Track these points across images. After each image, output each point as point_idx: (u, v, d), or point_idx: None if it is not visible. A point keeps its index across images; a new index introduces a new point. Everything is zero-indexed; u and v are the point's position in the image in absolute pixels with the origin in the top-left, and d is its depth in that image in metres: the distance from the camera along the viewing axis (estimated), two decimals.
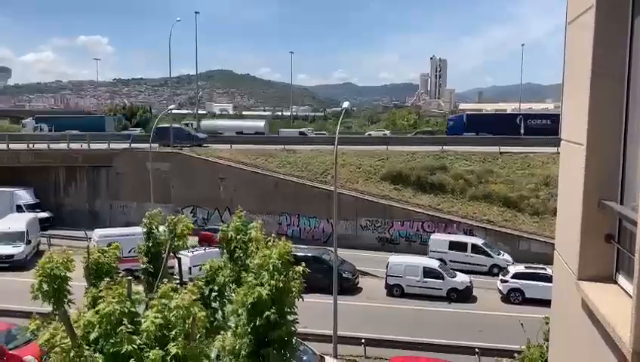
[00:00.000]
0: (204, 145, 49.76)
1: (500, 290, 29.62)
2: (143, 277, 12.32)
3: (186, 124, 66.24)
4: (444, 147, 45.67)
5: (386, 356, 20.68)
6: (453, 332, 23.74)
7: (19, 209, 43.56)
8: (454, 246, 34.47)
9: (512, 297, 28.97)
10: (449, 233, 38.39)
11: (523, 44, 78.70)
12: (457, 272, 30.70)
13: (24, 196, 45.18)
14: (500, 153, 44.18)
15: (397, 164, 43.28)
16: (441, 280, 29.35)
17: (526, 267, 30.11)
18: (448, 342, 22.12)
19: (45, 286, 7.29)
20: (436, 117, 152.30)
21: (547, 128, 49.00)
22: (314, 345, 19.94)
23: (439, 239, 35.38)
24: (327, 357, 20.08)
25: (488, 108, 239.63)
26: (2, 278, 30.41)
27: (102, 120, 71.45)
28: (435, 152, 44.76)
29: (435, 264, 30.38)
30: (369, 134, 66.92)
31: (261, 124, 69.89)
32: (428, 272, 29.60)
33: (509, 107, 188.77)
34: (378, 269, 33.40)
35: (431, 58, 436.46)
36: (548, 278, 28.06)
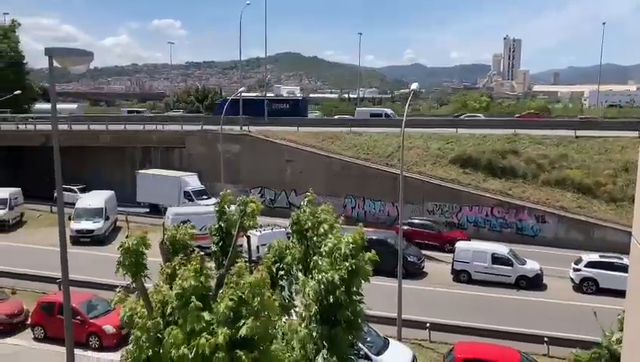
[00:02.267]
0: None
1: (572, 279, 28.62)
2: (214, 254, 12.75)
3: None
4: (516, 130, 44.26)
5: (451, 341, 20.48)
6: (522, 320, 23.19)
7: (186, 195, 41.46)
8: None
9: (585, 287, 27.92)
10: (520, 220, 37.39)
11: (604, 23, 74.55)
12: (527, 259, 29.88)
13: (191, 182, 43.00)
14: (576, 137, 42.37)
15: (466, 147, 42.37)
16: (510, 267, 28.66)
17: (601, 256, 28.89)
18: (516, 329, 21.65)
19: (126, 260, 7.73)
20: (509, 99, 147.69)
21: (286, 110, 55.51)
22: (378, 327, 20.02)
23: None
24: (391, 340, 20.13)
25: (564, 90, 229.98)
26: (83, 252, 32.19)
27: None
28: (506, 135, 43.47)
29: (504, 250, 29.68)
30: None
31: (74, 106, 78.00)
32: (496, 258, 28.95)
33: (586, 89, 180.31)
34: (444, 254, 33.02)
35: (504, 38, 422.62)
36: (624, 268, 26.85)
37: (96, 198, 38.81)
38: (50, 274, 26.06)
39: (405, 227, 35.30)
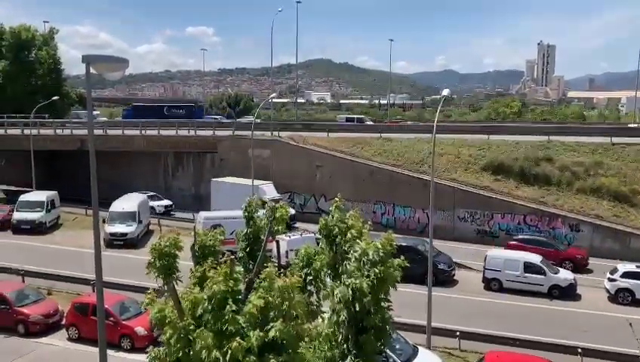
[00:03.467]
0: None
1: (607, 290, 27.96)
2: (241, 259, 12.81)
3: None
4: (550, 137, 43.54)
5: (482, 350, 20.20)
6: (554, 330, 22.76)
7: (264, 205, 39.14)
8: None
9: (621, 297, 27.20)
10: (553, 228, 36.69)
11: None
12: (560, 269, 29.29)
13: (268, 191, 40.60)
14: (612, 144, 41.46)
15: (499, 154, 41.82)
16: (542, 276, 28.14)
17: (637, 266, 28.17)
18: (548, 339, 21.25)
19: (157, 263, 7.85)
20: (543, 105, 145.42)
21: (182, 115, 60.45)
22: (407, 334, 19.88)
23: None
24: (420, 348, 19.98)
25: (600, 96, 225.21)
26: (116, 255, 32.76)
27: None
28: (540, 142, 42.80)
29: (537, 259, 29.17)
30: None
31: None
32: (529, 267, 28.45)
33: (624, 95, 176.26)
34: (476, 262, 32.60)
35: (538, 43, 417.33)
36: None
37: (130, 202, 39.52)
38: (84, 276, 26.65)
39: (513, 242, 33.46)
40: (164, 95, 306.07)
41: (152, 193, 47.14)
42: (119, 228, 36.53)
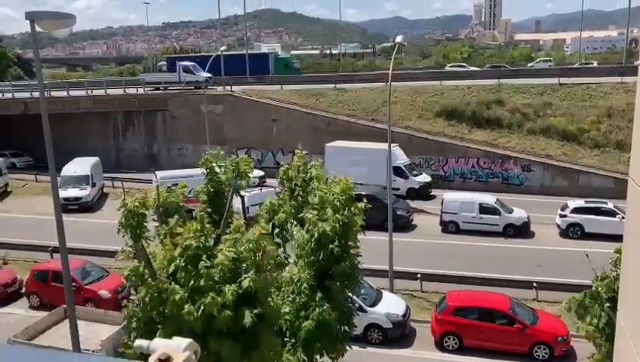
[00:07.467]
0: None
1: (558, 225, 29.15)
2: (206, 215, 12.73)
3: None
4: (500, 80, 44.19)
5: (443, 290, 20.93)
6: (511, 268, 23.72)
7: (397, 171, 34.03)
8: None
9: (571, 232, 28.45)
10: (506, 169, 37.70)
11: None
12: (514, 208, 30.31)
13: (400, 155, 36.13)
14: (560, 84, 42.44)
15: (451, 99, 42.30)
16: (497, 216, 29.07)
17: (586, 201, 29.41)
18: (505, 276, 22.16)
19: (128, 222, 7.72)
20: (491, 49, 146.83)
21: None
22: (371, 279, 20.35)
23: None
24: (384, 292, 20.54)
25: (546, 38, 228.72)
26: (71, 219, 31.90)
27: None
28: (491, 86, 43.42)
29: (491, 200, 30.04)
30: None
31: None
32: (484, 208, 29.31)
33: (568, 36, 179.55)
34: (432, 206, 33.36)
35: None
36: (609, 213, 27.47)
37: (82, 165, 38.36)
38: (41, 243, 26.03)
39: None
40: (108, 53, 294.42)
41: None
42: (72, 192, 35.57)
